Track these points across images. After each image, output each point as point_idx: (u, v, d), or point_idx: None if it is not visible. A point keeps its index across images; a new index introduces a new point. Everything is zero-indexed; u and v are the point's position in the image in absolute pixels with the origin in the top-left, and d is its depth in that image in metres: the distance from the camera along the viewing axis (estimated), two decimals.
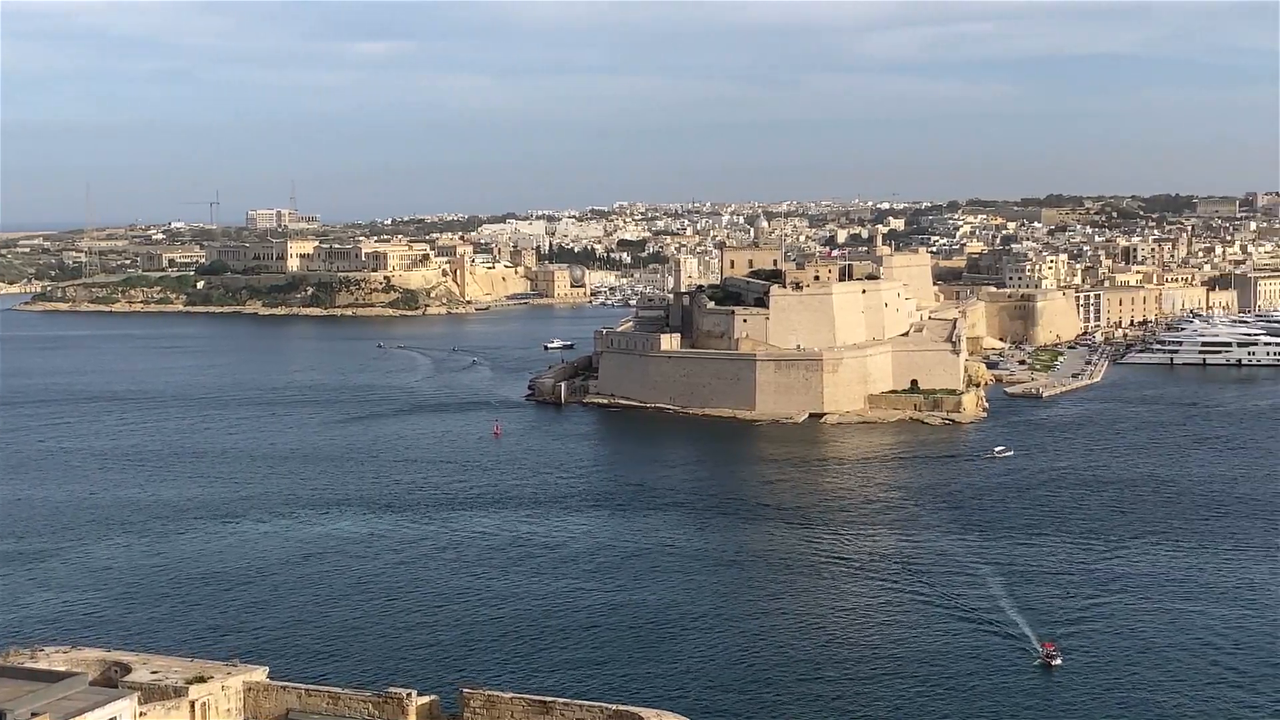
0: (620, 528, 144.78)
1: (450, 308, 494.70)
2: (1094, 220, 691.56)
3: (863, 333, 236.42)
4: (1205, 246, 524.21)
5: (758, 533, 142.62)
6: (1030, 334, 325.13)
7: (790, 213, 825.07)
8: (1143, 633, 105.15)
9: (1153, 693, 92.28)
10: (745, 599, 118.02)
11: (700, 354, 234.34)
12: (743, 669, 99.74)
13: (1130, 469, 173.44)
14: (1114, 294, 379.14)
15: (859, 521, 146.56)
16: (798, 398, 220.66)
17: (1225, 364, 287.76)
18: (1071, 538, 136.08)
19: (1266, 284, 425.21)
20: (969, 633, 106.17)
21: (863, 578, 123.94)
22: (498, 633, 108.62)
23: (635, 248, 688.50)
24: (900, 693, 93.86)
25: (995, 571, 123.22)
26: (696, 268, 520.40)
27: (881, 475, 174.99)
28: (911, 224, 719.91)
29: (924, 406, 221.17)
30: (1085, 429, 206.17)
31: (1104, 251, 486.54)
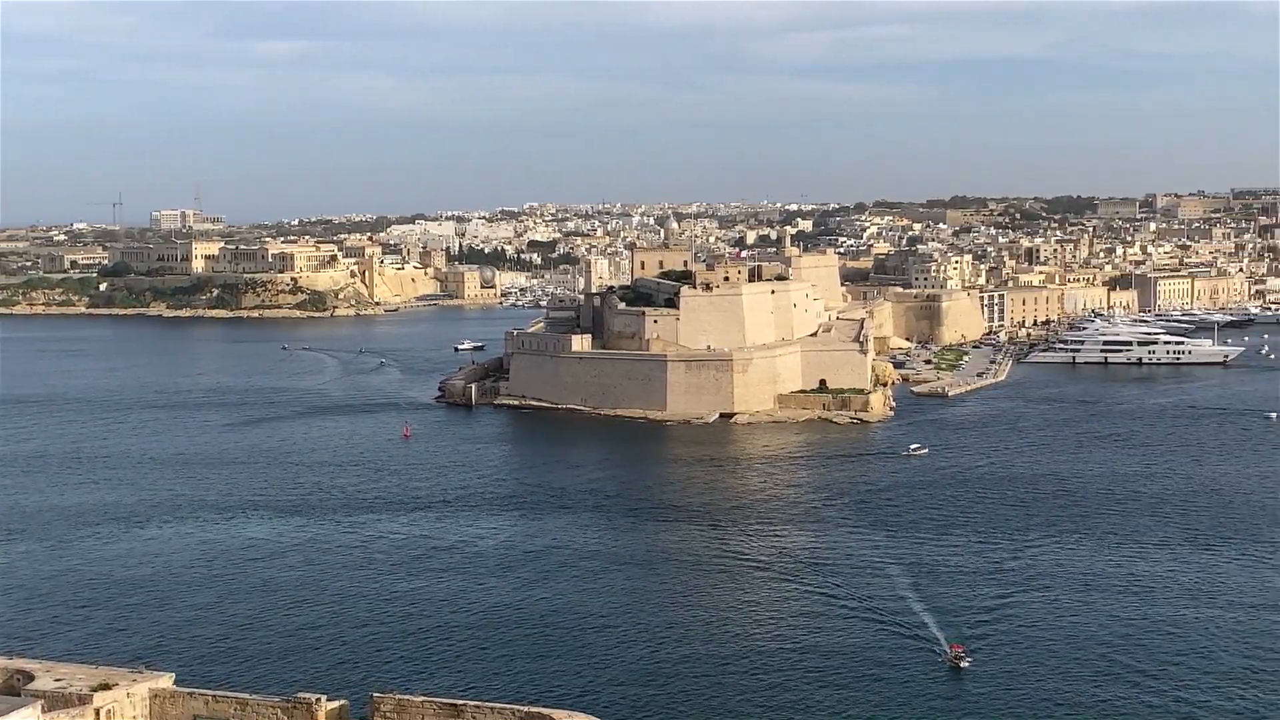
0: (530, 529, 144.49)
1: (359, 309, 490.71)
2: (998, 221, 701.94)
3: (772, 333, 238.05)
4: (1106, 247, 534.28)
5: (667, 533, 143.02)
6: (936, 334, 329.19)
7: (700, 214, 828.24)
8: (1047, 630, 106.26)
9: (1057, 692, 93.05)
10: (654, 599, 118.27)
11: (611, 355, 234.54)
12: (651, 668, 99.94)
13: (1033, 467, 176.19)
14: (1017, 294, 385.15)
15: (768, 521, 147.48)
16: (708, 398, 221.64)
17: (1126, 363, 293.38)
18: (978, 535, 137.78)
19: (1166, 284, 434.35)
20: (878, 633, 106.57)
21: (771, 577, 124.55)
22: (407, 636, 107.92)
23: (546, 249, 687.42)
24: (807, 694, 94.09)
25: (904, 570, 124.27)
26: (607, 269, 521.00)
27: (790, 474, 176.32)
28: (819, 225, 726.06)
29: (832, 406, 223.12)
30: (990, 427, 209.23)
31: (1008, 252, 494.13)
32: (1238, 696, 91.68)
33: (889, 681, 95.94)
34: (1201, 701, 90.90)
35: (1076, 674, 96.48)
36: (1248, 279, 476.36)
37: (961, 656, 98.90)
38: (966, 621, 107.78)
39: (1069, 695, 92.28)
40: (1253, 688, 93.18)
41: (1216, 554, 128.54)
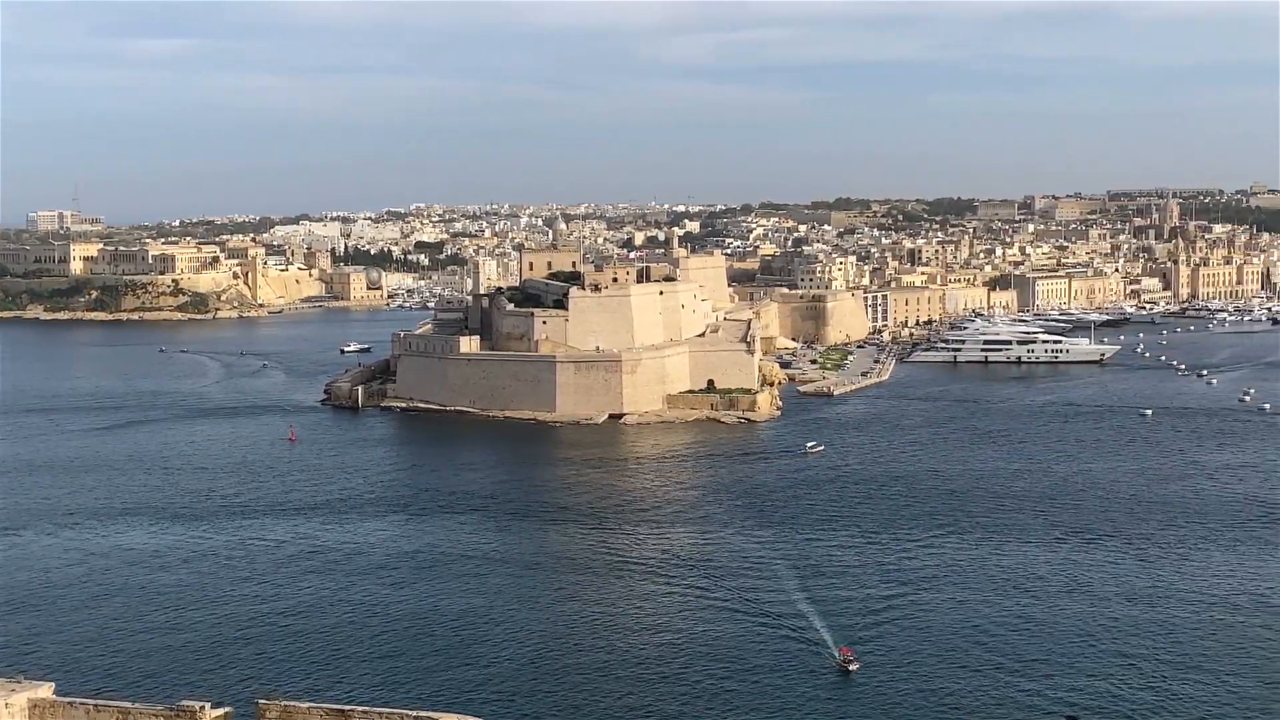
0: (417, 531, 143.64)
1: (242, 311, 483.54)
2: (881, 223, 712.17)
3: (660, 334, 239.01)
4: (986, 248, 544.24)
5: (555, 534, 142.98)
6: (821, 334, 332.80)
7: (588, 215, 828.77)
8: (934, 629, 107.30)
9: (944, 691, 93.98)
10: (540, 600, 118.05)
11: (500, 356, 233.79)
12: (536, 669, 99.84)
13: (916, 464, 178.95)
14: (900, 294, 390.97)
15: (656, 521, 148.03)
16: (597, 399, 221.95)
17: (1006, 361, 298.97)
18: (864, 533, 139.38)
19: (1044, 284, 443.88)
20: (766, 635, 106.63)
21: (658, 578, 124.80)
22: (292, 641, 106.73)
23: (433, 250, 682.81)
24: (692, 699, 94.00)
25: (792, 569, 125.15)
26: (495, 270, 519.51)
27: (678, 474, 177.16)
28: (706, 226, 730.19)
29: (720, 406, 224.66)
30: (874, 426, 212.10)
31: (890, 253, 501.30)
32: (1112, 686, 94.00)
33: (777, 685, 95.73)
34: (1078, 692, 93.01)
35: (962, 672, 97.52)
36: (1123, 279, 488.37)
37: (850, 659, 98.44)
38: (855, 623, 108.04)
39: (955, 695, 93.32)
40: (1125, 678, 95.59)
41: (1093, 549, 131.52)
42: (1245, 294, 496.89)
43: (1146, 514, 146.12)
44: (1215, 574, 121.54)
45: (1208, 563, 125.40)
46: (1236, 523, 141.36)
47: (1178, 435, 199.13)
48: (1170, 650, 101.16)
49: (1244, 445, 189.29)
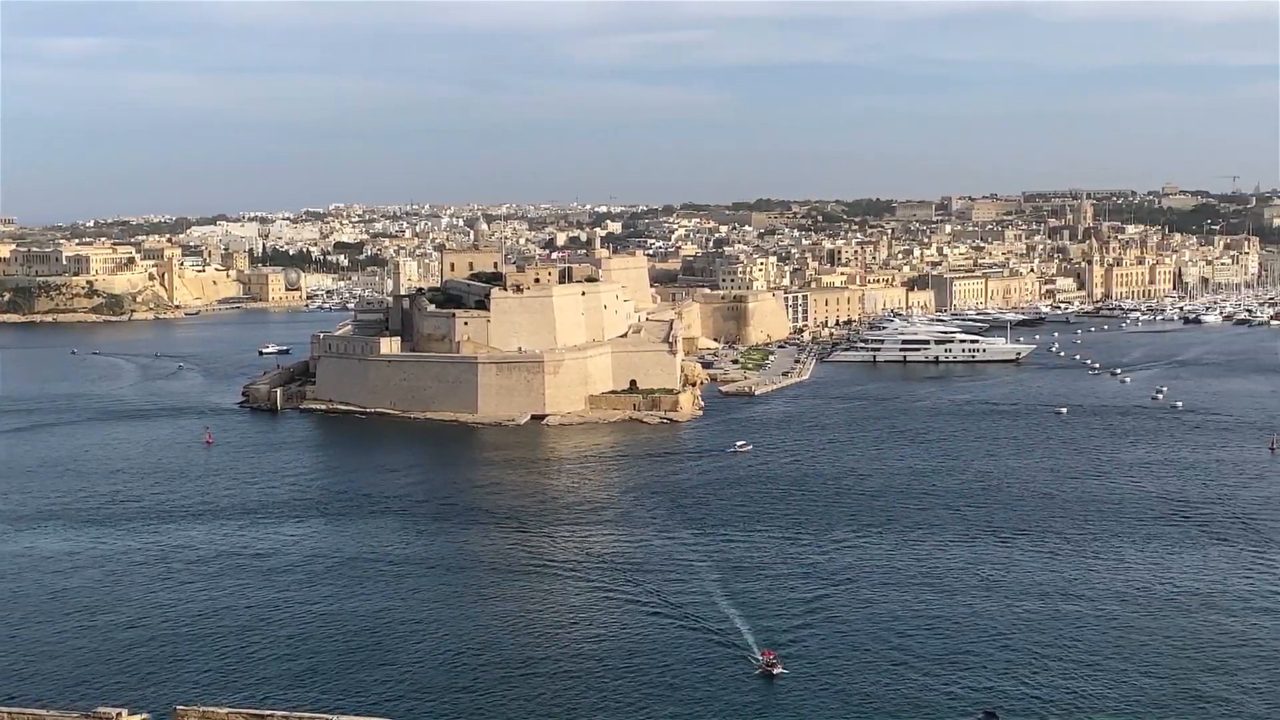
0: (336, 535, 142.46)
1: (158, 312, 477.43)
2: (801, 224, 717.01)
3: (583, 334, 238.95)
4: (904, 249, 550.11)
5: (475, 536, 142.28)
6: (743, 334, 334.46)
7: (510, 215, 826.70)
8: (856, 629, 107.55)
9: (867, 692, 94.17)
10: (461, 602, 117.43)
11: (421, 357, 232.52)
12: (455, 673, 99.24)
13: (837, 464, 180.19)
14: (820, 295, 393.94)
15: (578, 522, 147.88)
16: (519, 400, 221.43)
17: (924, 361, 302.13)
18: (785, 533, 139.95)
19: (961, 284, 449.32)
20: (689, 639, 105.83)
21: (580, 579, 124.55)
22: (210, 647, 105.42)
23: (353, 250, 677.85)
24: (614, 702, 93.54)
25: (714, 571, 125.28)
26: (416, 270, 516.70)
27: (601, 475, 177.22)
28: (628, 227, 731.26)
29: (643, 406, 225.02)
30: (795, 425, 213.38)
31: (810, 254, 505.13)
32: (1027, 681, 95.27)
33: (699, 691, 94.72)
34: (995, 688, 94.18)
35: (882, 671, 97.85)
36: (1038, 279, 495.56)
37: (774, 663, 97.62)
38: (777, 625, 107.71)
39: (876, 694, 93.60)
40: (1040, 674, 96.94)
41: (1008, 546, 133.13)
42: (1158, 294, 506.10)
43: (1061, 511, 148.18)
44: (1128, 570, 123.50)
45: (1121, 559, 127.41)
46: (1149, 519, 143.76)
47: (1092, 433, 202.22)
48: (1084, 646, 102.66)
49: (1156, 443, 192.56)
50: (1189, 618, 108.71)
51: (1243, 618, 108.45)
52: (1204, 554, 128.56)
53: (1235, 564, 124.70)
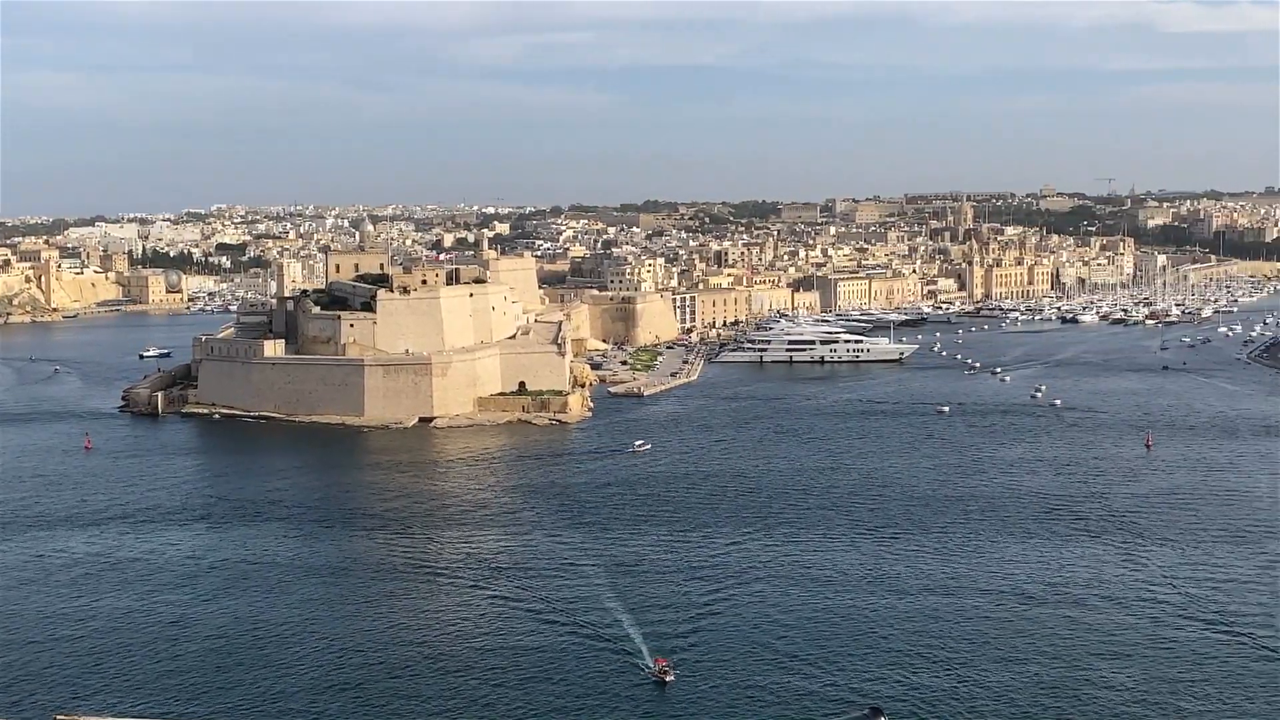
0: (218, 540, 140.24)
1: (35, 316, 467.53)
2: (688, 225, 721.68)
3: (471, 336, 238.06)
4: (790, 250, 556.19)
5: (360, 540, 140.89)
6: (631, 335, 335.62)
7: (396, 216, 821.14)
8: (747, 630, 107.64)
9: (759, 692, 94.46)
10: (343, 608, 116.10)
11: (306, 360, 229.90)
12: (336, 678, 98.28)
13: (725, 463, 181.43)
14: (708, 295, 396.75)
15: (467, 525, 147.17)
16: (407, 402, 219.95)
17: (809, 361, 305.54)
18: (675, 534, 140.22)
19: (846, 285, 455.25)
20: (579, 646, 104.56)
21: (468, 583, 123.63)
22: (90, 654, 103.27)
23: (235, 251, 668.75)
24: (501, 714, 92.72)
25: (604, 573, 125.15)
26: (300, 272, 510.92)
27: (489, 477, 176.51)
28: (516, 228, 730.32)
29: (532, 408, 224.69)
30: (684, 426, 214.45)
31: (698, 255, 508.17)
32: (913, 675, 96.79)
33: (591, 700, 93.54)
34: (882, 683, 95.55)
35: (773, 671, 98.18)
36: (921, 280, 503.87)
37: (666, 670, 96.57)
38: (669, 630, 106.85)
39: (768, 695, 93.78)
40: (925, 667, 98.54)
41: (893, 543, 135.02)
42: (1036, 294, 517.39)
43: (943, 509, 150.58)
44: (1009, 565, 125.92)
45: (1003, 554, 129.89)
46: (1029, 515, 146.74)
47: (973, 431, 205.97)
48: (968, 639, 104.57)
49: (1036, 440, 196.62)
50: (1066, 612, 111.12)
51: (1118, 612, 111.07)
52: (1081, 550, 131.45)
53: (1111, 559, 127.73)
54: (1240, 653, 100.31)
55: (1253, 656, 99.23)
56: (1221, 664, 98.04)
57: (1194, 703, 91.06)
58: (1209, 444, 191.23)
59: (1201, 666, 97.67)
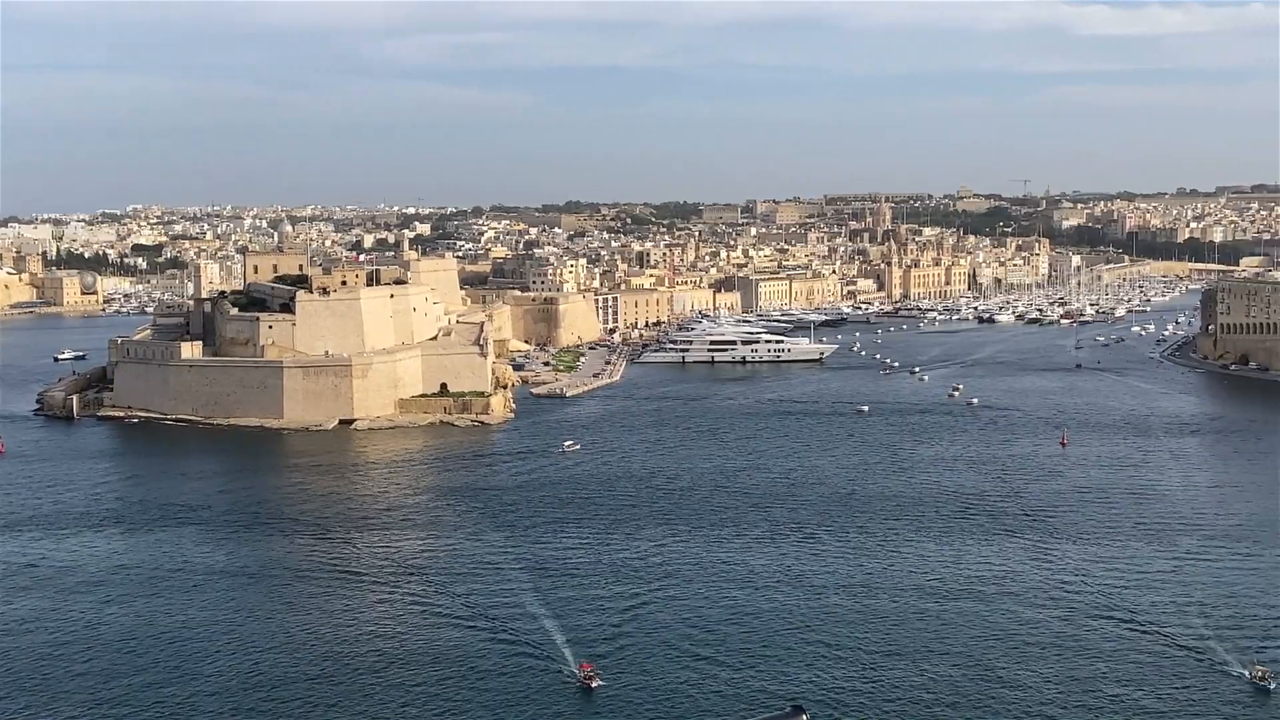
0: (136, 546, 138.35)
1: None
2: (610, 226, 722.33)
3: (391, 337, 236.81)
4: (711, 251, 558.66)
5: (281, 544, 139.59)
6: (554, 336, 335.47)
7: (315, 217, 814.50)
8: (670, 631, 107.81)
9: (683, 694, 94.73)
10: (263, 612, 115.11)
11: (224, 362, 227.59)
12: (256, 683, 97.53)
13: (646, 464, 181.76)
14: (630, 296, 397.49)
15: (388, 528, 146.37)
16: (327, 404, 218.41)
17: (731, 361, 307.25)
18: (597, 535, 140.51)
19: (766, 286, 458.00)
20: (504, 652, 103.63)
21: (389, 587, 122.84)
22: (2, 663, 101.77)
23: (152, 253, 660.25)
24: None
25: (526, 575, 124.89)
26: (218, 273, 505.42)
27: (410, 480, 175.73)
28: (437, 229, 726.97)
29: (453, 409, 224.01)
30: (607, 426, 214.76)
31: (620, 256, 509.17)
32: (832, 673, 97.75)
33: (516, 709, 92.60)
34: (802, 680, 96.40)
35: (696, 672, 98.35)
36: (840, 280, 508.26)
37: (592, 676, 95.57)
38: (593, 635, 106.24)
39: (693, 697, 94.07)
40: (845, 665, 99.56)
41: (813, 542, 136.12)
42: (953, 294, 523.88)
43: (863, 507, 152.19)
44: (927, 562, 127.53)
45: (920, 552, 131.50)
46: (946, 513, 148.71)
47: (892, 431, 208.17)
48: (886, 636, 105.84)
49: (954, 439, 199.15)
50: (983, 608, 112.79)
51: (1032, 609, 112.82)
52: (997, 547, 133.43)
53: (1025, 556, 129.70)
54: (1151, 648, 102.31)
55: (1164, 652, 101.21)
56: (1133, 659, 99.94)
57: (1106, 698, 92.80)
58: (1123, 442, 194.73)
59: (1114, 662, 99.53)
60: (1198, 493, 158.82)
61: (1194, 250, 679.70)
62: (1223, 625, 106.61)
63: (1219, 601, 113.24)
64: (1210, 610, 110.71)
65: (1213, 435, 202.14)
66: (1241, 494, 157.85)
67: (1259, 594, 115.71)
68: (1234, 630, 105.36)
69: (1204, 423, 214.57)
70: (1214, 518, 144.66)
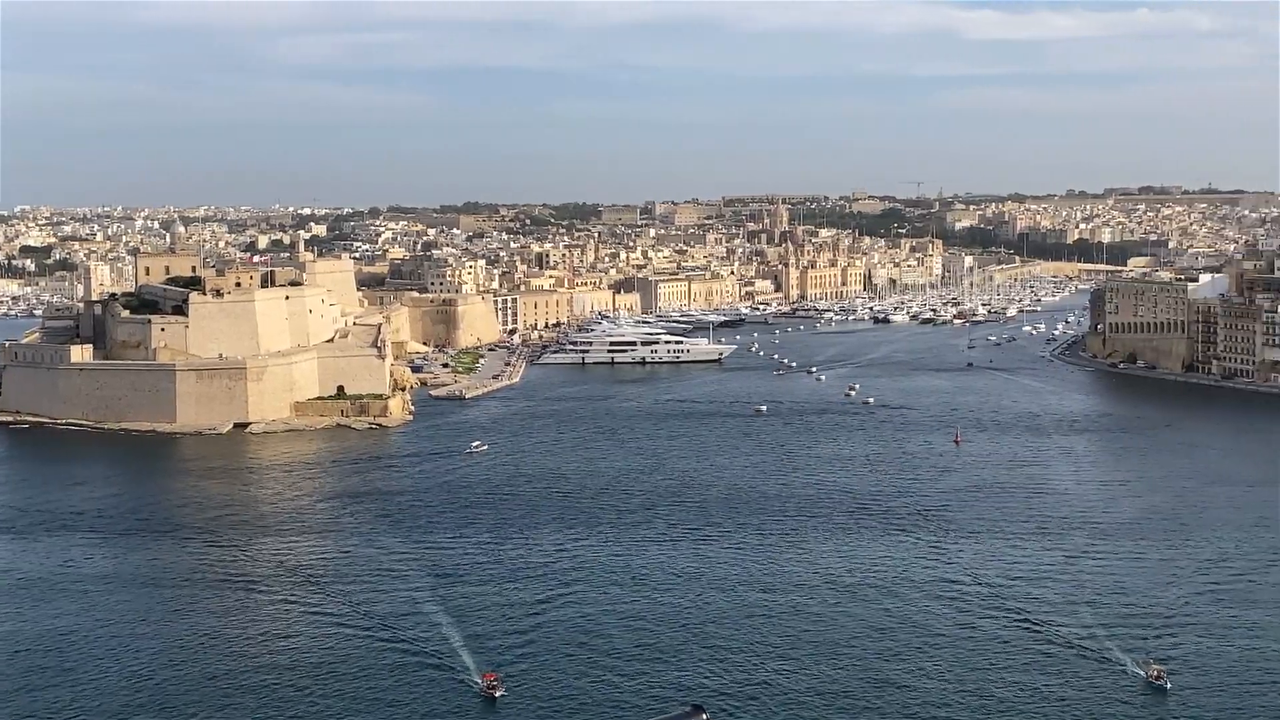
0: (22, 553, 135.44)
1: None
2: (509, 227, 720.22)
3: (287, 339, 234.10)
4: (611, 252, 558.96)
5: (170, 550, 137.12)
6: (452, 337, 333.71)
7: (208, 218, 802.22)
8: (573, 634, 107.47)
9: (588, 697, 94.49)
10: (153, 619, 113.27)
11: (115, 365, 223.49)
12: (144, 689, 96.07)
13: (546, 465, 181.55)
14: (529, 297, 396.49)
15: (282, 533, 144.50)
16: (221, 408, 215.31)
17: (631, 362, 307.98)
18: (497, 538, 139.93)
19: (666, 287, 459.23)
20: (404, 661, 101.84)
21: (282, 594, 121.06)
22: None
23: (40, 254, 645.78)
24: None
25: (426, 582, 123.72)
26: (109, 275, 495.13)
27: (307, 484, 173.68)
28: (334, 230, 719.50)
29: (351, 412, 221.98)
30: (507, 428, 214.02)
31: (519, 257, 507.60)
32: (734, 671, 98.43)
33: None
34: (704, 678, 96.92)
35: (597, 676, 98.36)
36: (738, 281, 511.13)
37: (495, 685, 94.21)
38: (495, 645, 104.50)
39: (594, 700, 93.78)
40: (745, 663, 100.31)
41: (712, 541, 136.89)
42: (849, 295, 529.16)
43: (760, 507, 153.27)
44: (824, 559, 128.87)
45: (817, 549, 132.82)
46: (843, 511, 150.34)
47: (790, 430, 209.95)
48: (784, 633, 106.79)
49: (850, 438, 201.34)
50: (879, 605, 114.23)
51: (927, 604, 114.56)
52: (892, 544, 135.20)
53: (920, 553, 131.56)
54: (1041, 640, 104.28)
55: (1057, 649, 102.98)
56: (1024, 652, 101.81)
57: (1000, 689, 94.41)
58: (1014, 440, 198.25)
59: (1006, 655, 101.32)
60: (1088, 489, 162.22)
61: (1083, 251, 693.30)
62: (1112, 620, 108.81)
63: (1109, 596, 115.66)
64: (1100, 605, 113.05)
65: (1102, 433, 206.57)
66: (1130, 490, 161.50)
67: (1148, 588, 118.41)
68: (1123, 625, 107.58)
69: (1093, 420, 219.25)
70: (1103, 514, 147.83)
